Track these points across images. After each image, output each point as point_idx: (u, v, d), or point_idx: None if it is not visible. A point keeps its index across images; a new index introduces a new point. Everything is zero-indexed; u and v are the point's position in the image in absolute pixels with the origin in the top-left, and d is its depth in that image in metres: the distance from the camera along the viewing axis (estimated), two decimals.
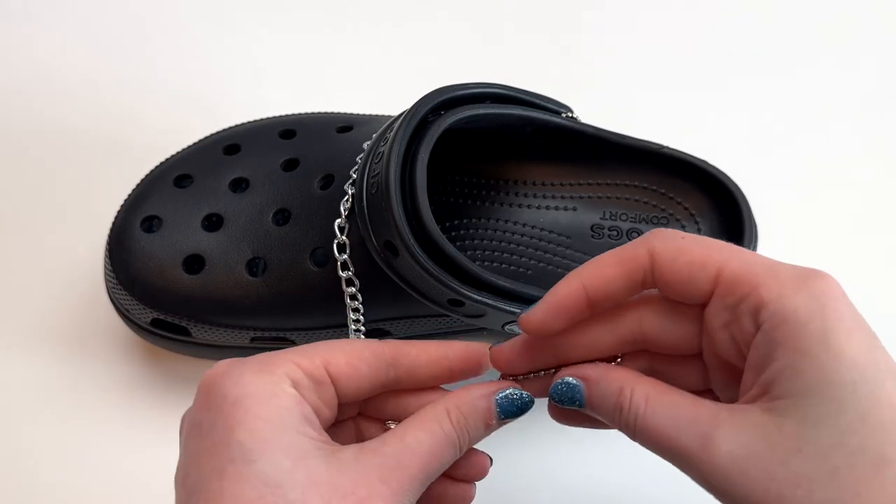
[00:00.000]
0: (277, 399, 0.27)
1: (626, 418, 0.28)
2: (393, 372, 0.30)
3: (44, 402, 0.44)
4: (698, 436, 0.26)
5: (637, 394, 0.27)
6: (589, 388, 0.29)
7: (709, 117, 0.55)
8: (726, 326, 0.27)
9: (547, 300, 0.29)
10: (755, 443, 0.25)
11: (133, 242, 0.41)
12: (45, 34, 0.57)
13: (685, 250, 0.27)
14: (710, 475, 0.26)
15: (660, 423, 0.27)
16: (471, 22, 0.59)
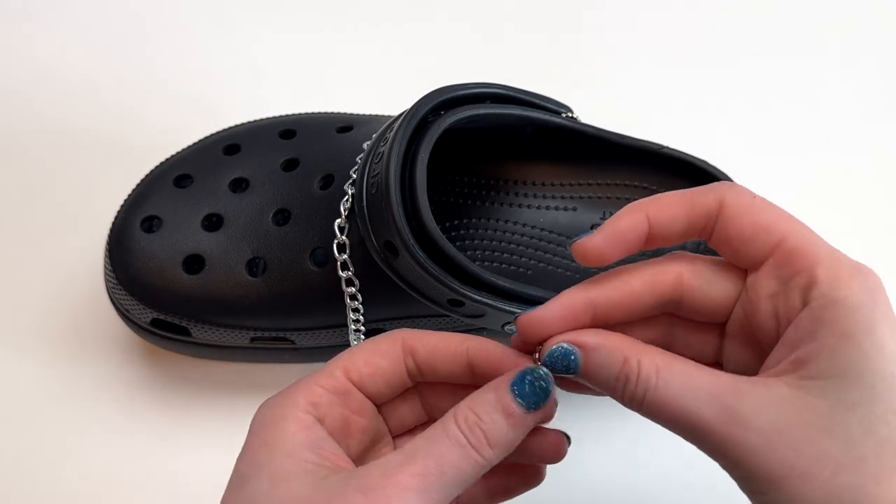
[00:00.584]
0: (284, 423, 0.27)
1: (634, 390, 0.26)
2: (411, 362, 0.29)
3: (43, 402, 0.44)
4: (720, 408, 0.25)
5: (646, 364, 0.26)
6: (586, 355, 0.27)
7: (709, 117, 0.55)
8: (772, 297, 0.27)
9: (608, 227, 0.28)
10: (783, 418, 0.24)
11: (133, 242, 0.41)
12: (45, 34, 0.57)
13: (754, 209, 0.27)
14: (732, 448, 0.25)
15: (674, 395, 0.25)
16: (471, 22, 0.59)
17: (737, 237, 0.27)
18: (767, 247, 0.27)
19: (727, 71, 0.57)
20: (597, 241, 0.28)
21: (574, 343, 0.27)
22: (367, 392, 0.29)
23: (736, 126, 0.54)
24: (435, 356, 0.29)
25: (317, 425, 0.28)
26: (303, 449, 0.27)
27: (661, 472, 0.42)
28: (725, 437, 0.25)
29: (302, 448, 0.27)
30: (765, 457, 0.24)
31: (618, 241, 0.28)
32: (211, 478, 0.30)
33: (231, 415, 0.43)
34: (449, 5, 0.59)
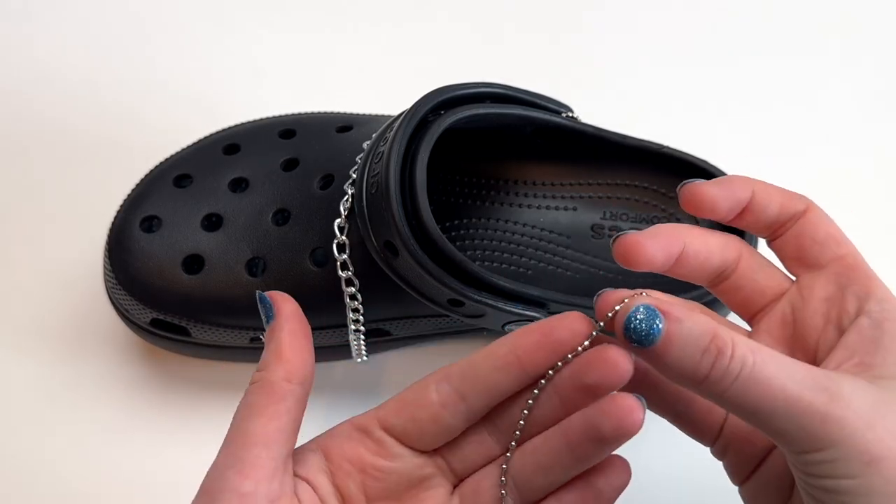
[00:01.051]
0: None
1: (729, 366, 0.24)
2: (444, 387, 0.29)
3: (43, 402, 0.44)
4: (819, 388, 0.24)
5: (740, 342, 0.25)
6: (671, 325, 0.24)
7: (709, 117, 0.55)
8: (826, 299, 0.28)
9: (722, 181, 0.29)
10: (878, 405, 0.25)
11: (132, 242, 0.41)
12: (45, 34, 0.57)
13: (830, 223, 0.29)
14: (834, 427, 0.24)
15: (775, 374, 0.24)
16: (471, 22, 0.59)
17: (810, 237, 0.29)
18: (833, 255, 0.29)
19: (727, 71, 0.57)
20: (714, 189, 0.29)
21: (659, 309, 0.25)
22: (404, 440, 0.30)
23: (736, 126, 0.54)
24: (472, 364, 0.29)
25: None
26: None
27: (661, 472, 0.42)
28: (829, 416, 0.24)
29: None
30: (867, 437, 0.24)
31: (730, 195, 0.29)
32: None
33: (231, 415, 0.43)
34: (449, 5, 0.59)
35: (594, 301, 0.27)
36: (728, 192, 0.29)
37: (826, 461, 0.25)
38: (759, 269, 0.30)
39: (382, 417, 0.29)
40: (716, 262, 0.29)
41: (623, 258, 0.28)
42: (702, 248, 0.29)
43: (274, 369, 0.29)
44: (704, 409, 0.30)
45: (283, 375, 0.29)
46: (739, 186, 0.29)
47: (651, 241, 0.28)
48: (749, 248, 0.30)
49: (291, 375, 0.29)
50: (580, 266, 0.42)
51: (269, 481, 0.27)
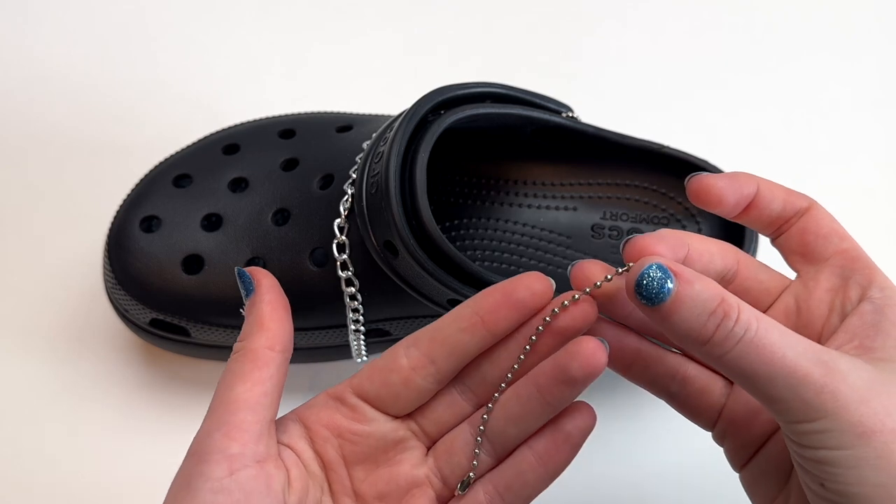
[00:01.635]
0: None
1: (733, 329, 0.25)
2: (413, 352, 0.30)
3: (42, 402, 0.44)
4: (818, 360, 0.25)
5: (746, 308, 0.26)
6: (682, 286, 0.25)
7: (709, 117, 0.55)
8: (830, 290, 0.29)
9: (727, 175, 0.30)
10: (874, 382, 0.25)
11: (132, 242, 0.41)
12: (45, 34, 0.57)
13: (833, 220, 0.30)
14: (830, 398, 0.25)
15: (777, 342, 0.25)
16: (471, 21, 0.58)
17: (814, 232, 0.30)
18: (836, 248, 0.30)
19: (728, 70, 0.57)
20: (722, 182, 0.29)
21: (672, 270, 0.26)
22: (382, 407, 0.31)
23: (736, 126, 0.54)
24: (439, 328, 0.30)
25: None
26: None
27: (660, 473, 0.42)
28: (825, 387, 0.25)
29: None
30: (861, 410, 0.25)
31: (737, 189, 0.29)
32: None
33: None
34: (449, 5, 0.59)
35: (568, 271, 0.29)
36: (735, 185, 0.30)
37: (819, 431, 0.25)
38: (761, 270, 0.31)
39: (356, 384, 0.31)
40: (718, 265, 0.30)
41: (633, 259, 0.28)
42: (704, 252, 0.29)
43: (256, 338, 0.30)
44: (699, 390, 0.31)
45: (265, 343, 0.30)
46: (745, 181, 0.30)
47: (660, 245, 0.28)
48: (744, 253, 0.31)
49: (273, 343, 0.30)
50: None
51: (255, 443, 0.28)
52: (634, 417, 0.44)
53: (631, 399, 0.44)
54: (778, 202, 0.30)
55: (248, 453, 0.28)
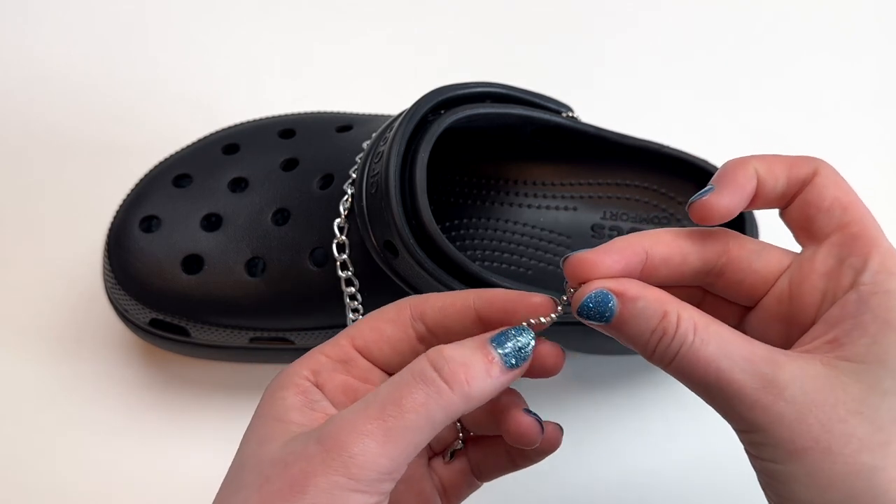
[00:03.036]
0: (280, 391, 0.28)
1: (669, 346, 0.26)
2: (421, 326, 0.29)
3: (42, 402, 0.44)
4: (755, 374, 0.25)
5: (685, 319, 0.26)
6: (624, 304, 0.26)
7: (709, 117, 0.55)
8: (825, 274, 0.27)
9: (726, 181, 0.28)
10: (817, 394, 0.25)
11: (132, 242, 0.41)
12: (45, 34, 0.57)
13: (840, 187, 0.28)
14: (762, 414, 0.25)
15: (711, 355, 0.25)
16: (471, 22, 0.58)
17: (816, 204, 0.28)
18: (838, 223, 0.27)
19: (728, 70, 0.57)
20: (724, 199, 0.28)
21: (614, 291, 0.26)
22: (372, 359, 0.30)
23: (736, 126, 0.54)
24: (445, 316, 0.29)
25: (313, 389, 0.28)
26: (291, 411, 0.27)
27: (660, 474, 0.42)
28: (757, 402, 0.25)
29: (290, 410, 0.27)
30: (794, 427, 0.25)
31: (739, 199, 0.28)
32: (210, 477, 0.30)
33: (230, 415, 0.43)
34: (449, 5, 0.59)
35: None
36: (737, 194, 0.28)
37: (758, 443, 0.25)
38: (755, 256, 0.29)
39: (362, 347, 0.30)
40: (694, 263, 0.29)
41: (574, 277, 0.28)
42: (673, 253, 0.28)
43: None
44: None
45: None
46: (745, 180, 0.28)
47: (604, 257, 0.28)
48: (737, 238, 0.29)
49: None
50: None
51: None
52: (634, 417, 0.44)
53: (631, 399, 0.44)
54: (781, 182, 0.28)
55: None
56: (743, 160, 0.28)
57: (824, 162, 0.28)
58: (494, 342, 0.27)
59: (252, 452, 0.26)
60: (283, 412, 0.27)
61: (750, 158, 0.29)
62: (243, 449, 0.27)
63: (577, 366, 0.45)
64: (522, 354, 0.27)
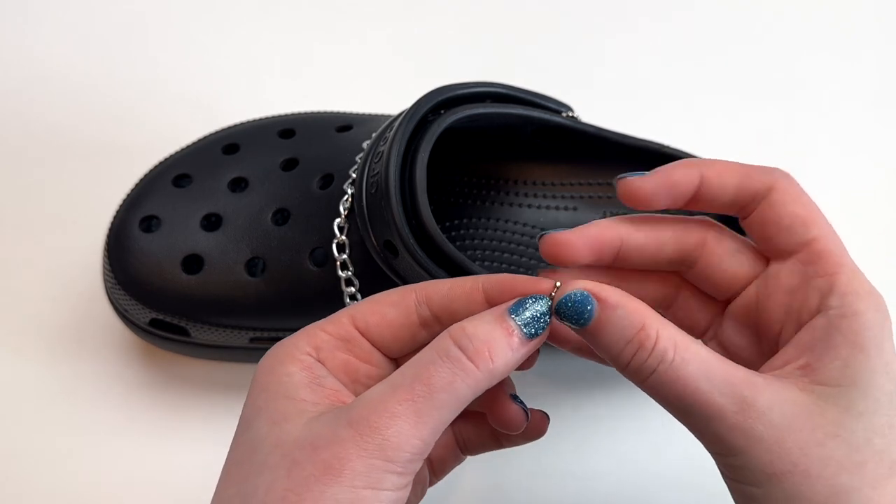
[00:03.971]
0: (283, 367, 0.27)
1: (646, 361, 0.25)
2: (425, 310, 0.29)
3: (42, 402, 0.44)
4: (735, 396, 0.25)
5: (665, 336, 0.25)
6: (604, 311, 0.26)
7: (709, 117, 0.55)
8: (790, 291, 0.27)
9: (661, 172, 0.28)
10: (796, 419, 0.25)
11: (132, 242, 0.41)
12: (45, 34, 0.57)
13: (799, 202, 0.27)
14: (741, 437, 0.25)
15: (689, 374, 0.25)
16: (471, 21, 0.58)
17: (775, 223, 0.27)
18: (800, 241, 0.27)
19: (727, 70, 0.57)
20: (649, 183, 0.28)
21: (595, 294, 0.26)
22: (373, 341, 0.29)
23: (736, 125, 0.54)
24: (451, 300, 0.29)
25: (317, 365, 0.28)
26: (300, 389, 0.27)
27: (660, 473, 0.42)
28: (737, 425, 0.25)
29: (299, 388, 0.27)
30: (773, 451, 0.25)
31: (668, 188, 0.28)
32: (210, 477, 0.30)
33: (230, 415, 0.43)
34: (449, 5, 0.59)
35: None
36: (666, 185, 0.28)
37: (735, 466, 0.26)
38: (728, 256, 0.29)
39: (364, 329, 0.29)
40: (669, 252, 0.29)
41: (549, 256, 0.28)
42: (650, 241, 0.29)
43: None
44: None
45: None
46: (682, 176, 0.28)
47: (577, 238, 0.28)
48: (717, 231, 0.29)
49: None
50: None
51: None
52: (634, 417, 0.44)
53: (630, 399, 0.44)
54: (729, 189, 0.28)
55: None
56: (693, 161, 0.28)
57: (783, 174, 0.28)
58: (512, 312, 0.27)
59: (267, 433, 0.26)
60: (293, 390, 0.27)
61: (702, 161, 0.28)
62: (254, 427, 0.27)
63: (576, 366, 0.44)
64: (541, 323, 0.27)
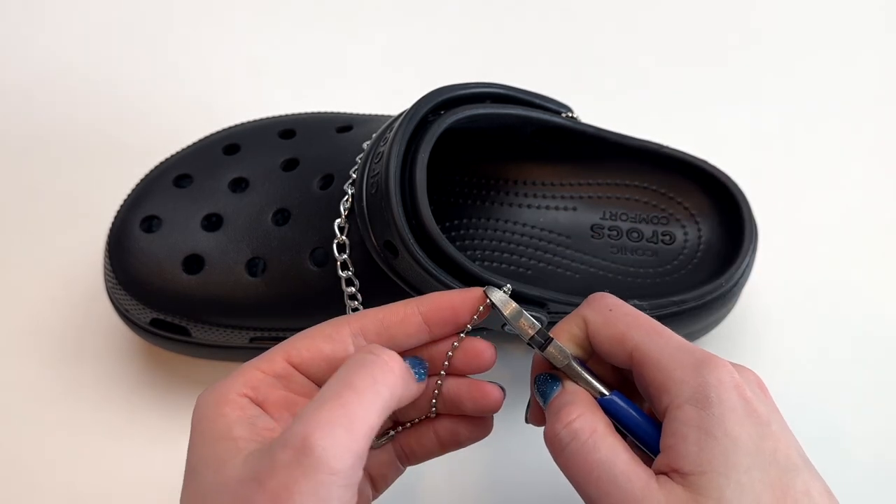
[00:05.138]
0: (217, 409, 0.28)
1: (559, 433, 0.29)
2: (361, 341, 0.30)
3: (43, 402, 0.44)
4: (628, 495, 0.27)
5: (586, 420, 0.29)
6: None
7: (709, 117, 0.55)
8: (645, 392, 0.30)
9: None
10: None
11: (133, 242, 0.41)
12: (46, 35, 0.57)
13: (609, 323, 0.30)
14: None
15: (596, 461, 0.28)
16: (470, 21, 0.59)
17: (600, 351, 0.31)
18: (625, 356, 0.30)
19: (727, 70, 0.57)
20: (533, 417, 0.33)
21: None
22: (310, 375, 0.30)
23: (736, 125, 0.54)
24: (386, 327, 0.31)
25: (251, 405, 0.29)
26: (235, 428, 0.27)
27: None
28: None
29: (234, 427, 0.27)
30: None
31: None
32: None
33: None
34: (449, 5, 0.59)
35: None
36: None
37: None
38: (609, 346, 0.31)
39: (299, 363, 0.30)
40: (585, 348, 0.32)
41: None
42: (565, 337, 0.32)
43: None
44: None
45: None
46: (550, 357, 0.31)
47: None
48: (594, 328, 0.31)
49: None
50: (580, 266, 0.42)
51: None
52: None
53: None
54: (570, 342, 0.32)
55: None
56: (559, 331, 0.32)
57: (589, 303, 0.32)
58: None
59: (213, 478, 0.26)
60: (226, 429, 0.27)
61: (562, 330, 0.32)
62: (199, 475, 0.27)
63: None
64: (422, 368, 0.31)
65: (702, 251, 0.42)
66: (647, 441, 0.29)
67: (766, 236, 0.44)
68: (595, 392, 0.30)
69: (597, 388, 0.31)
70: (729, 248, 0.41)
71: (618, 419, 0.30)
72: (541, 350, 0.31)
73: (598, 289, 0.34)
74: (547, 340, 0.31)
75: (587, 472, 0.28)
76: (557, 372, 0.32)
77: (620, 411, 0.30)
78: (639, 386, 0.30)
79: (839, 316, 0.47)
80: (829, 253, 0.49)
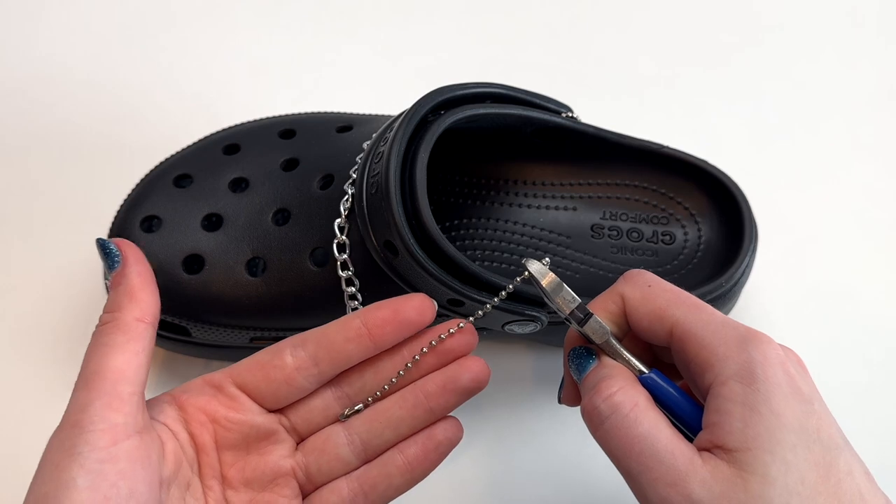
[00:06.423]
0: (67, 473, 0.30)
1: (599, 406, 0.28)
2: (300, 353, 0.32)
3: (43, 402, 0.44)
4: (672, 470, 0.26)
5: (629, 394, 0.28)
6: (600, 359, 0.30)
7: (709, 117, 0.55)
8: (685, 369, 0.29)
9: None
10: (723, 499, 0.26)
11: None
12: (46, 34, 0.57)
13: (647, 299, 0.30)
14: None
15: (638, 434, 0.27)
16: (470, 22, 0.59)
17: (638, 328, 0.30)
18: (665, 333, 0.29)
19: (727, 71, 0.57)
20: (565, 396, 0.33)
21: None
22: (259, 400, 0.33)
23: (736, 126, 0.54)
24: (327, 334, 0.32)
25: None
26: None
27: None
28: (667, 498, 0.26)
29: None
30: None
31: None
32: None
33: None
34: (448, 5, 0.59)
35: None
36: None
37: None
38: (647, 325, 0.31)
39: (236, 375, 0.32)
40: (623, 324, 0.31)
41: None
42: (603, 314, 0.31)
43: (128, 309, 0.30)
44: None
45: (138, 315, 0.30)
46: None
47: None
48: (631, 306, 0.31)
49: (145, 315, 0.31)
50: (580, 266, 0.43)
51: (135, 414, 0.29)
52: None
53: None
54: (620, 321, 0.31)
55: (131, 423, 0.28)
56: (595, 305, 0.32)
57: (627, 279, 0.31)
58: None
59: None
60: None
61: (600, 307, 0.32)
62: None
63: None
64: None
65: (702, 251, 0.42)
66: (688, 420, 0.29)
67: (766, 236, 0.44)
68: (634, 370, 0.30)
69: (636, 365, 0.30)
70: (729, 248, 0.41)
71: (657, 397, 0.29)
72: (580, 326, 0.30)
73: (598, 289, 0.34)
74: (587, 315, 0.30)
75: (628, 446, 0.27)
76: (594, 346, 0.31)
77: (660, 389, 0.29)
78: (678, 363, 0.30)
79: (839, 316, 0.47)
80: (828, 253, 0.49)
